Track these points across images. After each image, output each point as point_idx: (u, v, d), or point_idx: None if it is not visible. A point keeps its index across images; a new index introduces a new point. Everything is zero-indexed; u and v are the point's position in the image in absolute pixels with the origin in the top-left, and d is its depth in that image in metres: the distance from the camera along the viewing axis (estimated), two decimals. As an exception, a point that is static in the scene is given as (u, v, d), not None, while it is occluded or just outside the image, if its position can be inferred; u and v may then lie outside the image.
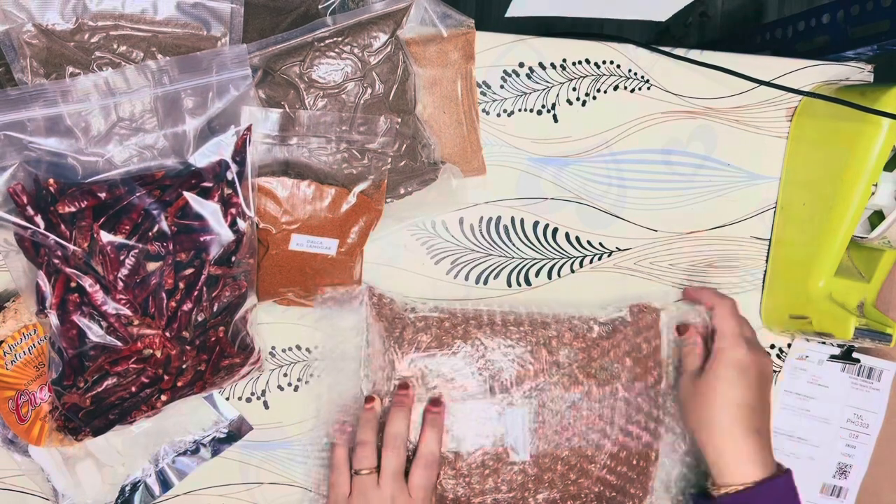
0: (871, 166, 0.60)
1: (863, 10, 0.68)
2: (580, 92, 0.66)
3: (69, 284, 0.50)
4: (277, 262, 0.60)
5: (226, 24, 0.56)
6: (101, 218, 0.50)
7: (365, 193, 0.59)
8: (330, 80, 0.56)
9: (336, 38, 0.56)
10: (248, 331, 0.59)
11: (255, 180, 0.55)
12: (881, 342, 0.62)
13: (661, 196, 0.69)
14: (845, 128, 0.62)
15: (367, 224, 0.61)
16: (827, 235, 0.63)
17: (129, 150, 0.53)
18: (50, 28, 0.52)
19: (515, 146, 0.66)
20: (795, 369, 0.72)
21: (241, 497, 0.67)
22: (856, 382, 0.71)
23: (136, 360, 0.53)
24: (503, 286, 0.68)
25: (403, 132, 0.59)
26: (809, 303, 0.65)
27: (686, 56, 0.66)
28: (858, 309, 0.64)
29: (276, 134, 0.56)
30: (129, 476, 0.63)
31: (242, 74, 0.54)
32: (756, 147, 0.69)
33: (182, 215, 0.52)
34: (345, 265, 0.61)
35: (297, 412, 0.66)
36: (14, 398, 0.57)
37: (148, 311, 0.52)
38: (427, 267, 0.66)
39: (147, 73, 0.52)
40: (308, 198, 0.58)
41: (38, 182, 0.50)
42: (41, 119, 0.50)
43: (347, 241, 0.60)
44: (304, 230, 0.59)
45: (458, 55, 0.62)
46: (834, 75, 0.69)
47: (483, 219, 0.67)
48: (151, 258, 0.51)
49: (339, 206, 0.59)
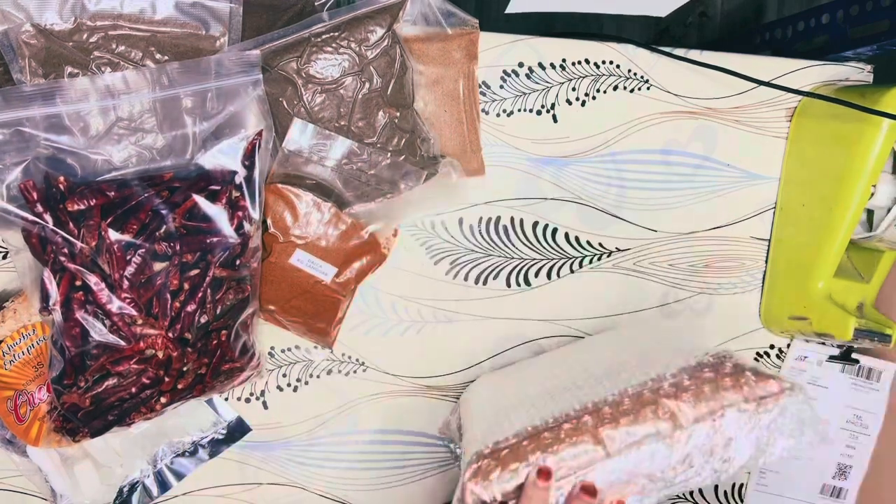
0: (870, 167, 0.60)
1: (862, 10, 0.68)
2: (580, 92, 0.66)
3: (74, 282, 0.50)
4: (273, 270, 0.60)
5: (224, 23, 0.56)
6: (110, 217, 0.50)
7: (378, 235, 0.60)
8: (327, 76, 0.56)
9: (333, 34, 0.56)
10: (249, 336, 0.59)
11: (280, 186, 0.55)
12: (881, 343, 0.62)
13: (661, 196, 0.69)
14: (845, 128, 0.62)
15: (368, 264, 0.62)
16: (826, 236, 0.63)
17: (129, 149, 0.53)
18: (48, 28, 0.52)
19: (515, 146, 0.66)
20: (795, 370, 0.72)
21: (240, 497, 0.66)
22: (855, 383, 0.71)
23: (137, 361, 0.52)
24: (503, 286, 0.68)
25: (402, 126, 0.59)
26: (809, 303, 0.65)
27: (686, 56, 0.66)
28: (858, 309, 0.64)
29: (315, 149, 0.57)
30: (127, 477, 0.63)
31: (253, 79, 0.54)
32: (756, 147, 0.69)
33: (190, 217, 0.52)
34: (333, 298, 0.61)
35: (296, 413, 0.66)
36: (12, 398, 0.57)
37: (152, 311, 0.52)
38: (426, 267, 0.66)
39: (162, 75, 0.52)
40: (324, 219, 0.58)
41: (48, 179, 0.50)
42: (56, 116, 0.50)
43: (345, 274, 0.61)
44: (308, 248, 0.59)
45: (461, 54, 0.62)
46: (833, 75, 0.69)
47: (482, 219, 0.67)
48: (158, 258, 0.52)
49: (349, 238, 0.59)
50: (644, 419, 0.47)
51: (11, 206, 0.50)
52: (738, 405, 0.47)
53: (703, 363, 0.50)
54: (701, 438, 0.47)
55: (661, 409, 0.47)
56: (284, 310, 0.61)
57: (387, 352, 0.67)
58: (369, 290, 0.65)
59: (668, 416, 0.47)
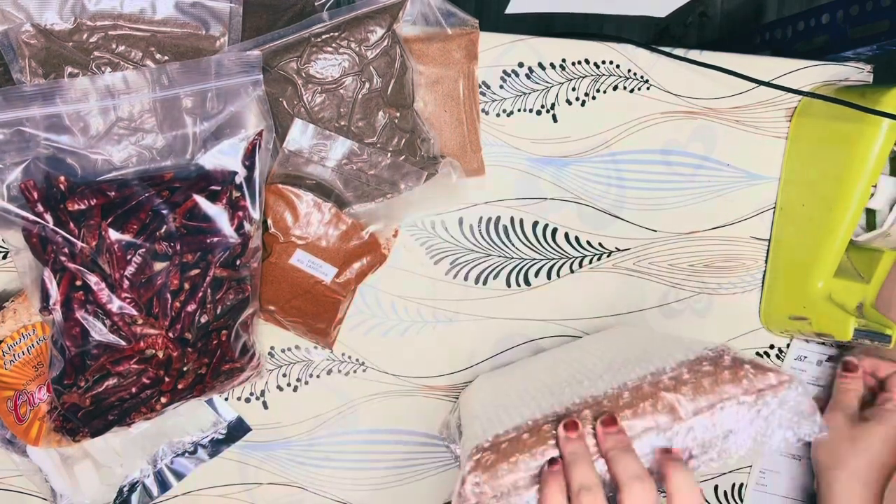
0: (870, 167, 0.60)
1: (862, 10, 0.68)
2: (579, 92, 0.66)
3: (74, 282, 0.50)
4: (273, 271, 0.60)
5: (224, 23, 0.56)
6: (110, 216, 0.50)
7: (378, 235, 0.60)
8: (327, 76, 0.56)
9: (333, 34, 0.56)
10: (249, 336, 0.59)
11: (281, 187, 0.55)
12: (880, 343, 0.62)
13: (661, 196, 0.69)
14: (845, 128, 0.62)
15: (368, 265, 0.62)
16: (826, 236, 0.63)
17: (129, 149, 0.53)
18: (48, 28, 0.52)
19: (515, 146, 0.66)
20: (794, 370, 0.72)
21: (240, 497, 0.66)
22: (855, 383, 0.71)
23: (137, 361, 0.52)
24: (503, 286, 0.68)
25: (402, 126, 0.59)
26: (809, 303, 0.65)
27: (685, 56, 0.66)
28: (858, 310, 0.64)
29: (316, 150, 0.57)
30: (127, 477, 0.63)
31: (254, 79, 0.54)
32: (755, 147, 0.69)
33: (190, 217, 0.52)
34: (333, 298, 0.61)
35: (296, 412, 0.66)
36: (12, 398, 0.57)
37: (152, 311, 0.52)
38: (426, 267, 0.66)
39: (162, 75, 0.52)
40: (324, 220, 0.58)
41: (48, 179, 0.50)
42: (56, 116, 0.50)
43: (345, 274, 0.61)
44: (309, 249, 0.59)
45: (461, 54, 0.62)
46: (833, 75, 0.69)
47: (482, 219, 0.67)
48: (158, 258, 0.52)
49: (349, 238, 0.59)
50: (643, 413, 0.47)
51: (12, 206, 0.50)
52: (738, 398, 0.47)
53: (702, 357, 0.50)
54: (700, 431, 0.47)
55: (660, 402, 0.47)
56: (284, 310, 0.61)
57: (387, 352, 0.67)
58: (369, 289, 0.66)
59: (668, 410, 0.47)
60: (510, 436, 0.48)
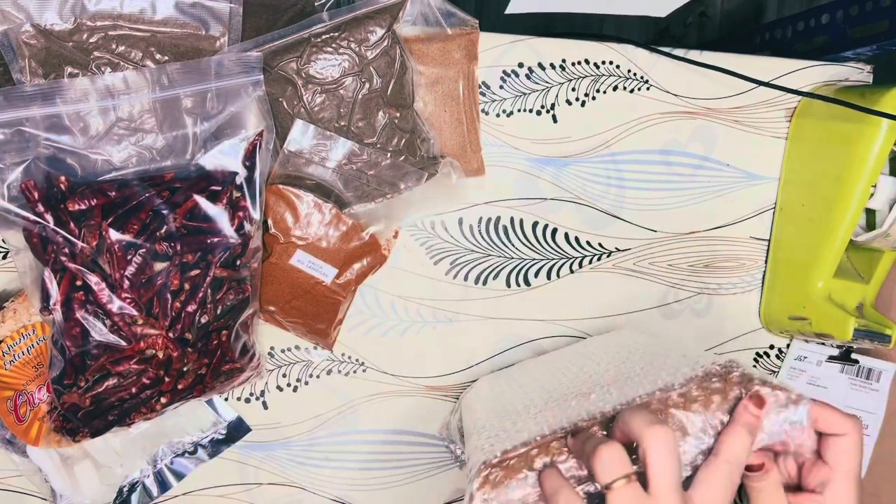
0: (870, 167, 0.60)
1: (862, 10, 0.68)
2: (579, 92, 0.66)
3: (75, 282, 0.50)
4: (273, 271, 0.60)
5: (224, 23, 0.56)
6: (110, 216, 0.50)
7: (378, 236, 0.60)
8: (327, 76, 0.56)
9: (333, 34, 0.56)
10: (249, 336, 0.59)
11: (281, 187, 0.56)
12: (880, 343, 0.62)
13: (661, 196, 0.69)
14: (844, 129, 0.62)
15: (368, 266, 0.62)
16: (826, 236, 0.63)
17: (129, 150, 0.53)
18: (48, 28, 0.52)
19: (515, 146, 0.66)
20: (794, 370, 0.72)
21: (240, 497, 0.66)
22: (854, 383, 0.71)
23: (137, 361, 0.53)
24: (502, 286, 0.68)
25: (402, 126, 0.59)
26: (809, 304, 0.65)
27: (685, 56, 0.66)
28: (857, 310, 0.65)
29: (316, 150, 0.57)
30: (127, 477, 0.63)
31: (254, 80, 0.54)
32: (755, 147, 0.69)
33: (190, 217, 0.52)
34: (333, 299, 0.61)
35: (296, 413, 0.66)
36: (12, 398, 0.57)
37: (152, 311, 0.52)
38: (426, 267, 0.66)
39: (162, 76, 0.52)
40: (325, 220, 0.58)
41: (49, 179, 0.50)
42: (57, 116, 0.50)
43: (345, 275, 0.61)
44: (309, 249, 0.59)
45: (461, 54, 0.62)
46: (833, 76, 0.69)
47: (482, 219, 0.67)
48: (158, 258, 0.52)
49: (350, 239, 0.60)
50: None
51: (12, 206, 0.50)
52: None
53: (711, 372, 0.50)
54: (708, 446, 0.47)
55: (669, 419, 0.47)
56: (284, 310, 0.61)
57: (387, 352, 0.67)
58: (369, 289, 0.66)
59: (678, 427, 0.47)
60: (518, 451, 0.49)
